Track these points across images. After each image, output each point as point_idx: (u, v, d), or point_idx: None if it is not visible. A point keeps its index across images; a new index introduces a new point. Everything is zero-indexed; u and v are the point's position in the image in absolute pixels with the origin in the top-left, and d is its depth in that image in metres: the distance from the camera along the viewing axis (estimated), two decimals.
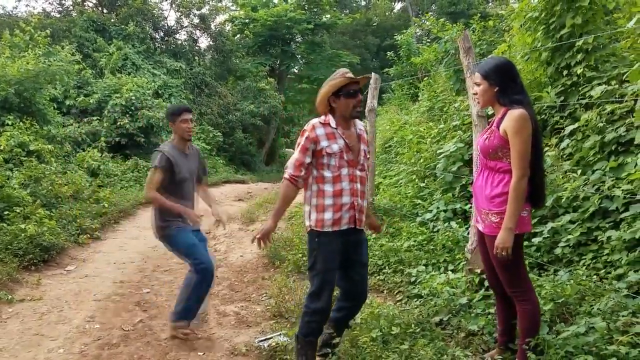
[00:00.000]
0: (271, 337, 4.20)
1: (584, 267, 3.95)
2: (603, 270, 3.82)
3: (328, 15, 28.31)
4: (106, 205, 9.88)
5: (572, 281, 3.65)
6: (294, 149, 3.45)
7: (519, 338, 3.10)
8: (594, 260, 3.97)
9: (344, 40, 36.02)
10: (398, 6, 45.79)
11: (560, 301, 3.47)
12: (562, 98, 5.20)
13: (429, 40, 16.75)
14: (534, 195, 2.99)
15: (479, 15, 9.92)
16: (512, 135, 2.84)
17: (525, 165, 2.83)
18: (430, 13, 44.94)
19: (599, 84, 4.82)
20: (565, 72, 5.20)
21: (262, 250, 7.28)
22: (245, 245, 8.02)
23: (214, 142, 20.25)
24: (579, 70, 4.98)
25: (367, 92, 6.90)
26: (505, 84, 2.95)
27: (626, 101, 4.38)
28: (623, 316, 3.17)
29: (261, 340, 4.19)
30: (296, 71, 29.44)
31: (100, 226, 8.94)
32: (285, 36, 26.29)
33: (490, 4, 40.81)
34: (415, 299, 4.49)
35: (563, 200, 4.44)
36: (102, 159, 13.54)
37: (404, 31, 17.01)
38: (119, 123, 14.82)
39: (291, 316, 4.65)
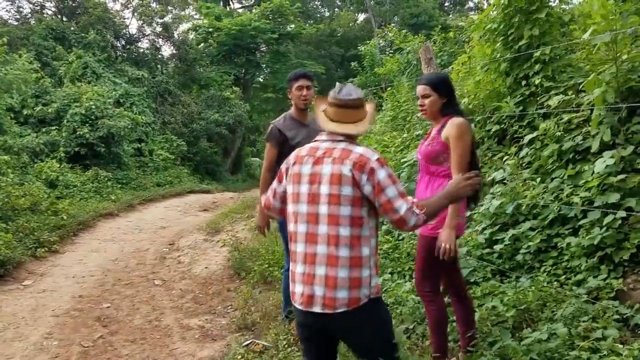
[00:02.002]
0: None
1: (545, 274, 4.02)
2: (563, 277, 3.90)
3: (292, 25, 28.37)
4: (65, 217, 9.62)
5: (533, 287, 3.71)
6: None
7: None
8: (554, 267, 4.05)
9: (309, 50, 36.14)
10: (361, 17, 46.33)
11: (522, 307, 3.52)
12: (520, 108, 5.31)
13: (392, 51, 16.90)
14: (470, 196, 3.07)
15: (439, 27, 10.10)
16: (455, 140, 3.01)
17: (465, 167, 2.99)
18: (392, 25, 45.73)
19: (556, 94, 4.94)
20: (523, 83, 5.31)
21: (229, 261, 7.24)
22: (210, 257, 7.91)
23: (178, 152, 19.98)
24: (537, 80, 5.10)
25: None
26: (451, 95, 3.17)
27: (582, 110, 4.50)
28: (584, 321, 3.24)
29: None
30: (261, 80, 29.36)
31: (58, 239, 8.70)
32: (250, 45, 26.21)
33: (450, 16, 41.73)
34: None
35: (523, 207, 4.52)
36: (60, 169, 13.19)
37: (368, 42, 17.18)
38: (78, 133, 14.48)
39: (257, 328, 4.59)
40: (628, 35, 4.04)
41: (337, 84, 2.51)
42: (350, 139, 2.39)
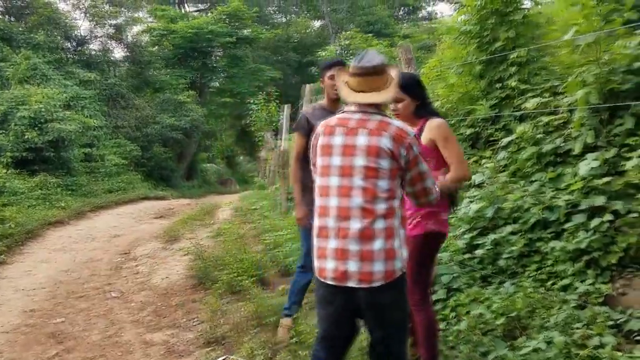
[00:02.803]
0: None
1: (529, 279, 3.91)
2: (549, 282, 3.80)
3: (249, 30, 28.05)
4: (12, 225, 9.03)
5: (521, 294, 3.59)
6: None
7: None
8: (538, 271, 3.95)
9: (266, 55, 35.88)
10: (317, 24, 46.41)
11: (513, 315, 3.38)
12: (496, 110, 5.24)
13: (350, 56, 16.90)
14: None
15: (401, 34, 10.09)
16: (444, 141, 3.00)
17: (466, 162, 3.05)
18: (348, 32, 46.00)
19: (532, 97, 4.90)
20: (498, 85, 5.25)
21: (190, 270, 6.89)
22: (170, 266, 7.52)
23: (130, 157, 19.27)
24: (512, 82, 5.04)
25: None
26: (424, 97, 3.15)
27: (562, 113, 4.45)
28: (577, 328, 3.12)
29: None
30: (217, 85, 28.85)
31: (5, 249, 8.12)
32: (206, 49, 25.71)
33: (405, 24, 42.28)
34: None
35: (504, 211, 4.42)
36: (7, 175, 12.43)
37: (327, 47, 17.10)
38: (26, 137, 13.71)
39: (228, 342, 4.30)
40: (609, 36, 4.00)
41: (359, 52, 2.44)
42: (379, 109, 2.37)
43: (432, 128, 3.02)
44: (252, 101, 16.81)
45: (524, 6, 5.20)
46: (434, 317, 3.10)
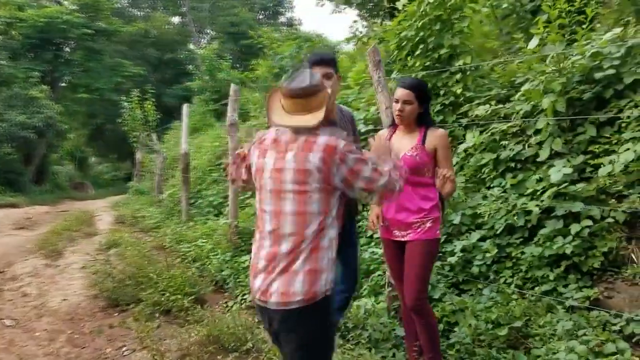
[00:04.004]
0: None
1: (506, 285, 3.93)
2: (525, 287, 3.84)
3: (107, 22, 25.97)
4: None
5: (514, 302, 3.58)
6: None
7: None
8: (513, 277, 3.98)
9: (123, 50, 33.56)
10: (176, 20, 44.72)
11: (517, 326, 3.34)
12: (441, 117, 5.26)
13: (230, 56, 16.42)
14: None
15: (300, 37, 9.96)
16: (446, 150, 3.13)
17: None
18: (209, 31, 44.96)
19: (479, 104, 4.99)
20: (442, 92, 5.28)
21: (93, 290, 6.04)
22: (63, 286, 6.53)
23: None
24: (458, 90, 5.09)
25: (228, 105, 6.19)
26: (428, 104, 3.22)
27: (514, 119, 4.57)
28: (585, 335, 3.16)
29: None
30: (72, 79, 26.23)
31: None
32: (60, 40, 23.26)
33: (265, 28, 42.32)
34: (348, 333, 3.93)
35: (465, 217, 4.42)
36: None
37: (206, 45, 16.38)
38: None
39: None
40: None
41: (298, 70, 2.35)
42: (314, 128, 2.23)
43: (437, 137, 3.09)
44: (124, 99, 15.52)
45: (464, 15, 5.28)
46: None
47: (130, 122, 15.08)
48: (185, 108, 8.85)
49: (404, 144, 3.13)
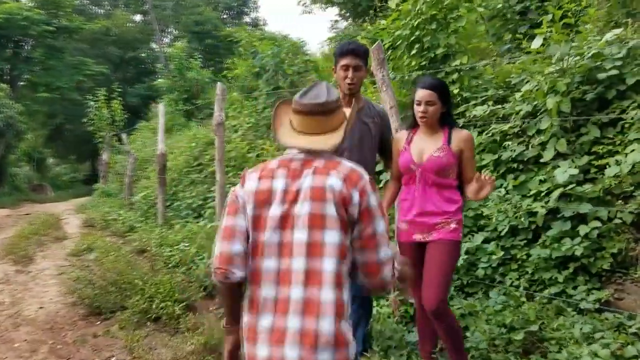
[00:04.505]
0: None
1: (513, 287, 3.87)
2: (531, 289, 3.80)
3: (68, 19, 25.16)
4: None
5: (526, 305, 3.52)
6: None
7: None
8: (519, 280, 3.93)
9: (83, 48, 32.58)
10: (138, 18, 43.83)
11: (534, 330, 3.28)
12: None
13: (200, 56, 16.11)
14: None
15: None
16: (472, 153, 3.06)
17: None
18: (172, 30, 44.19)
19: (475, 105, 4.95)
20: None
21: (71, 297, 5.75)
22: (37, 293, 6.19)
23: None
24: (455, 90, 5.04)
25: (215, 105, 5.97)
26: (450, 104, 3.11)
27: (514, 120, 4.54)
28: (603, 338, 3.11)
29: None
30: (32, 78, 25.25)
31: None
32: (19, 37, 22.37)
33: (229, 27, 41.92)
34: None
35: (468, 219, 4.36)
36: None
37: (175, 44, 16.02)
38: None
39: None
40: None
41: (312, 84, 1.95)
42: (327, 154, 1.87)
43: (464, 139, 3.00)
44: (89, 98, 15.01)
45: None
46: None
47: (97, 121, 14.59)
48: (160, 107, 8.57)
49: (429, 145, 3.02)
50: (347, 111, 1.95)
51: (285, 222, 1.75)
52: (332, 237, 1.71)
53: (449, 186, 3.01)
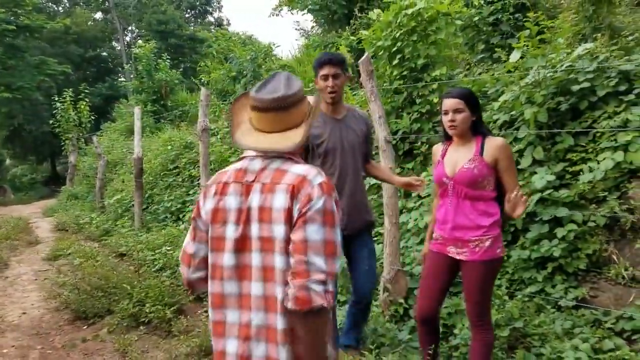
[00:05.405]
0: None
1: (494, 287, 4.10)
2: (511, 288, 4.04)
3: (29, 18, 24.47)
4: None
5: (510, 303, 3.75)
6: None
7: None
8: (501, 279, 4.16)
9: (42, 47, 31.73)
10: (98, 16, 42.98)
11: (519, 326, 3.51)
12: (418, 125, 5.41)
13: (168, 56, 15.96)
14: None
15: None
16: (509, 161, 2.89)
17: (517, 185, 2.91)
18: (134, 29, 43.41)
19: None
20: (418, 101, 5.43)
21: (54, 302, 5.72)
22: (18, 298, 6.15)
23: None
24: (434, 99, 5.26)
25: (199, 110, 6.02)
26: (480, 112, 3.00)
27: (492, 129, 4.78)
28: (583, 333, 3.36)
29: None
30: None
31: None
32: None
33: (192, 26, 41.54)
34: None
35: None
36: None
37: (144, 44, 15.84)
38: None
39: None
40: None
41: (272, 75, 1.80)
42: (288, 153, 1.73)
43: (498, 147, 2.85)
44: (54, 99, 14.71)
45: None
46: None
47: (63, 123, 14.32)
48: (136, 111, 8.53)
49: (461, 156, 2.93)
50: (312, 100, 1.80)
51: (242, 244, 1.67)
52: (280, 261, 1.61)
53: (485, 198, 2.89)
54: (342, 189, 3.18)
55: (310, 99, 1.80)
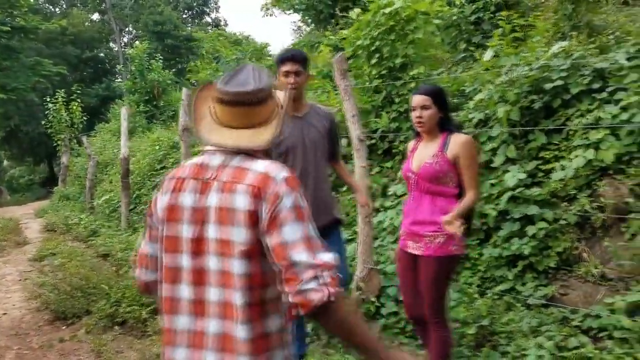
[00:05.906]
0: None
1: (466, 285, 4.11)
2: (483, 286, 4.04)
3: (25, 19, 24.52)
4: None
5: (480, 301, 3.75)
6: None
7: None
8: (473, 277, 4.17)
9: (38, 48, 31.77)
10: (95, 17, 43.07)
11: (486, 324, 3.51)
12: (396, 124, 5.42)
13: (161, 57, 15.99)
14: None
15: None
16: (469, 160, 2.89)
17: (479, 184, 2.96)
18: (131, 29, 43.47)
19: None
20: (397, 100, 5.44)
21: (35, 302, 5.73)
22: (0, 298, 6.16)
23: None
24: None
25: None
26: (448, 109, 3.03)
27: (467, 128, 4.79)
28: (549, 331, 3.36)
29: None
30: None
31: None
32: None
33: (189, 27, 41.59)
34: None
35: None
36: None
37: (137, 44, 15.86)
38: None
39: None
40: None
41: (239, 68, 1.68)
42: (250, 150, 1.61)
43: (460, 144, 2.86)
44: (47, 100, 14.72)
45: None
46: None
47: (56, 124, 14.33)
48: (123, 111, 8.55)
49: (426, 151, 2.96)
50: (281, 96, 1.68)
51: (198, 246, 1.55)
52: (239, 266, 1.50)
53: (446, 195, 2.90)
54: (305, 187, 3.14)
55: (280, 94, 1.69)
